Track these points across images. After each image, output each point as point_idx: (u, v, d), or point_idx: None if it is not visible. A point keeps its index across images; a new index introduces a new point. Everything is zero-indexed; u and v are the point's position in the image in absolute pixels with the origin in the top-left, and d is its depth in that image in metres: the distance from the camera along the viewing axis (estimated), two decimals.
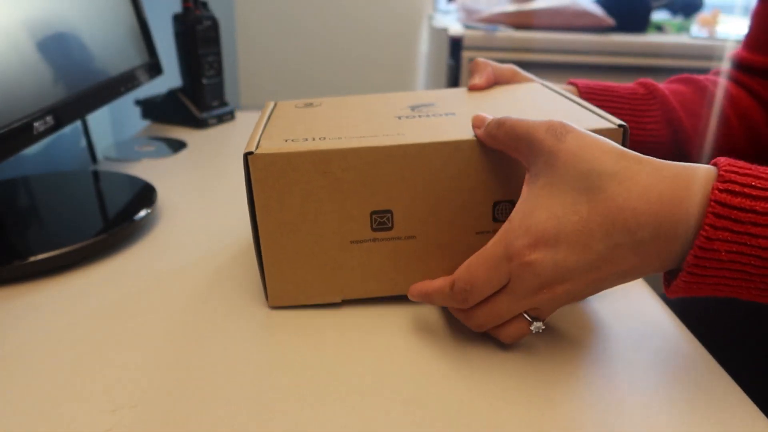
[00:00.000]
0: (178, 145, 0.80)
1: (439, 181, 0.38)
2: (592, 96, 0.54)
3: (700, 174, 0.30)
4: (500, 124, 0.36)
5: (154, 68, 0.76)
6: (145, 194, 0.58)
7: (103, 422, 0.31)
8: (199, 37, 0.83)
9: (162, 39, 0.89)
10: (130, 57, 0.70)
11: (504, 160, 0.38)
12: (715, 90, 0.57)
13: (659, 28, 1.51)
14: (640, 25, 1.46)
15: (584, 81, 0.56)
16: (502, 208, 0.39)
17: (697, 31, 1.52)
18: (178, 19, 0.84)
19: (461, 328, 0.39)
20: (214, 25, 0.86)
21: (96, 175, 0.65)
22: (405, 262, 0.40)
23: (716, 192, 0.29)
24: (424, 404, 0.33)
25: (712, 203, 0.29)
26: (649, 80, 0.57)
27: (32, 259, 0.45)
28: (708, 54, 1.42)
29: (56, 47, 0.55)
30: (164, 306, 0.42)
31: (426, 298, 0.37)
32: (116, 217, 0.53)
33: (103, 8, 0.65)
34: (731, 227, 0.29)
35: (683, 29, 1.55)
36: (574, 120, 0.36)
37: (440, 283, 0.36)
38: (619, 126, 0.38)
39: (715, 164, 0.31)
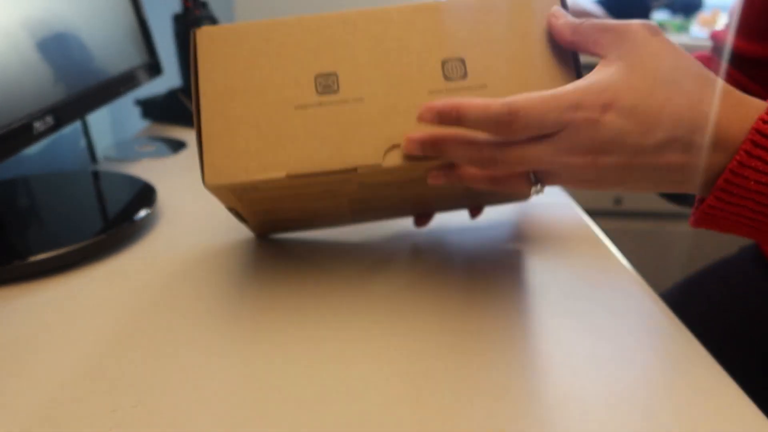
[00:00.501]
0: (178, 145, 0.80)
1: (383, 42, 0.39)
2: None
3: (760, 106, 0.32)
4: (585, 19, 0.36)
5: (154, 68, 0.76)
6: (145, 194, 0.58)
7: (103, 422, 0.31)
8: None
9: (162, 39, 0.89)
10: (130, 57, 0.70)
11: (450, 17, 0.39)
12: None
13: None
14: None
15: None
16: (452, 66, 0.39)
17: (697, 31, 1.52)
18: (178, 19, 0.84)
19: (452, 336, 0.39)
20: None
21: (96, 175, 0.65)
22: (354, 129, 0.38)
23: (760, 122, 0.30)
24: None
25: (753, 131, 0.30)
26: None
27: (32, 259, 0.45)
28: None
29: (56, 47, 0.55)
30: (164, 306, 0.42)
31: (453, 114, 0.34)
32: (116, 217, 0.53)
33: (103, 8, 0.65)
34: (764, 156, 0.30)
35: (683, 29, 1.55)
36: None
37: (482, 100, 0.33)
38: None
39: None
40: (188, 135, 0.85)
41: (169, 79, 0.91)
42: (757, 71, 0.57)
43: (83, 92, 0.58)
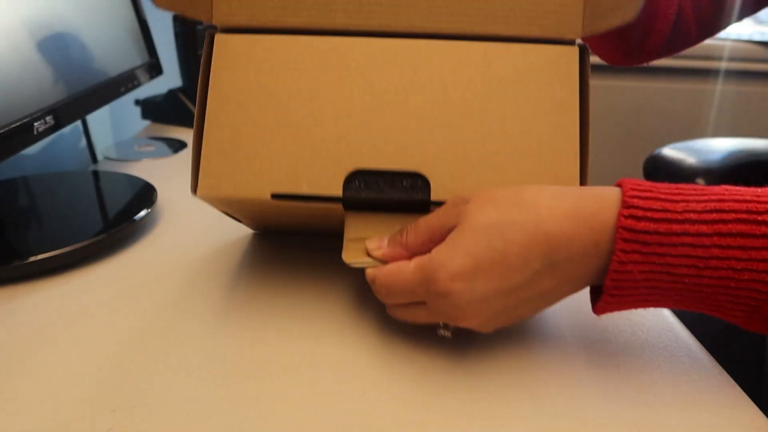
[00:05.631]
0: (178, 145, 0.80)
1: (400, 75, 0.39)
2: None
3: (605, 195, 0.32)
4: (405, 231, 0.36)
5: (154, 68, 0.76)
6: (145, 194, 0.58)
7: (103, 422, 0.31)
8: (199, 37, 0.83)
9: (162, 39, 0.89)
10: (130, 57, 0.70)
11: (476, 63, 0.38)
12: None
13: None
14: None
15: None
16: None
17: None
18: (178, 19, 0.84)
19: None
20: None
21: (96, 175, 0.65)
22: (346, 159, 0.38)
23: (622, 218, 0.31)
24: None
25: (620, 230, 0.31)
26: None
27: (32, 259, 0.45)
28: (707, 54, 1.43)
29: (56, 47, 0.55)
30: (164, 306, 0.42)
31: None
32: (116, 217, 0.53)
33: (103, 8, 0.65)
34: (640, 249, 0.30)
35: None
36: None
37: (369, 272, 0.36)
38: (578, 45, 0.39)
39: (619, 186, 0.33)
40: (188, 135, 0.85)
41: (169, 79, 0.91)
42: None
43: (83, 92, 0.58)
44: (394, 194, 0.38)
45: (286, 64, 0.38)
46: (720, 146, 0.89)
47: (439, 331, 0.37)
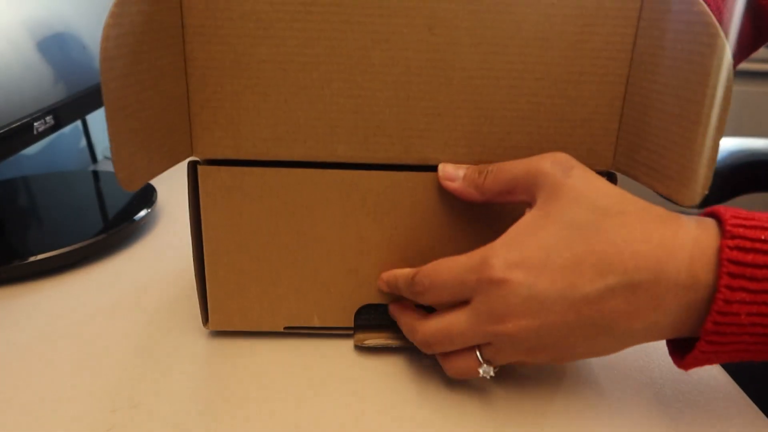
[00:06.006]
0: None
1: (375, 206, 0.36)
2: None
3: (703, 224, 0.28)
4: (486, 172, 0.33)
5: None
6: (145, 194, 0.58)
7: (103, 422, 0.31)
8: None
9: None
10: None
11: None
12: None
13: None
14: None
15: None
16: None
17: None
18: None
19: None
20: None
21: (96, 175, 0.65)
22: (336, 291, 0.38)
23: (726, 250, 0.26)
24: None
25: (725, 262, 0.26)
26: None
27: (32, 259, 0.45)
28: None
29: (56, 47, 0.55)
30: (164, 306, 0.42)
31: (391, 284, 0.35)
32: (116, 217, 0.53)
33: (103, 8, 0.65)
34: (748, 286, 0.26)
35: None
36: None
37: (408, 270, 0.34)
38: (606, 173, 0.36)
39: (712, 214, 0.29)
40: None
41: None
42: None
43: (83, 92, 0.58)
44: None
45: (284, 200, 0.35)
46: (720, 146, 0.89)
47: (480, 369, 0.31)
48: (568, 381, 0.35)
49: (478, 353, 0.31)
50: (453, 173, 0.34)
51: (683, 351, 0.30)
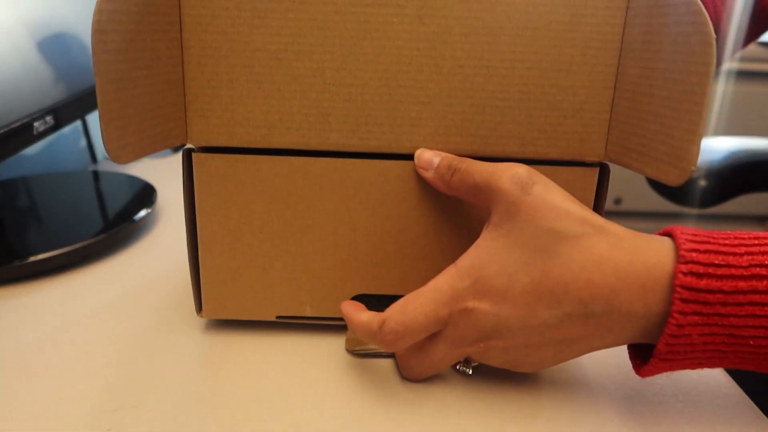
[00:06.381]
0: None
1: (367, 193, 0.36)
2: None
3: (658, 247, 0.29)
4: (454, 170, 0.33)
5: None
6: (145, 194, 0.58)
7: (103, 422, 0.31)
8: None
9: None
10: None
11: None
12: None
13: None
14: None
15: None
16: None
17: None
18: None
19: None
20: None
21: (96, 175, 0.65)
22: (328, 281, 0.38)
23: (680, 276, 0.27)
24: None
25: (678, 289, 0.27)
26: None
27: (32, 259, 0.45)
28: None
29: (56, 47, 0.55)
30: (164, 306, 0.42)
31: (351, 327, 0.34)
32: (116, 217, 0.53)
33: None
34: (700, 310, 0.27)
35: None
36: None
37: (367, 318, 0.33)
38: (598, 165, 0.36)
39: (668, 234, 0.30)
40: None
41: None
42: None
43: (83, 92, 0.58)
44: None
45: (277, 188, 0.35)
46: (720, 146, 0.89)
47: (459, 367, 0.35)
48: (567, 380, 0.35)
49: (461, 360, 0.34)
50: (428, 161, 0.34)
51: (643, 357, 0.31)
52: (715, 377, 0.36)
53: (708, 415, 0.33)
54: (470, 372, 0.35)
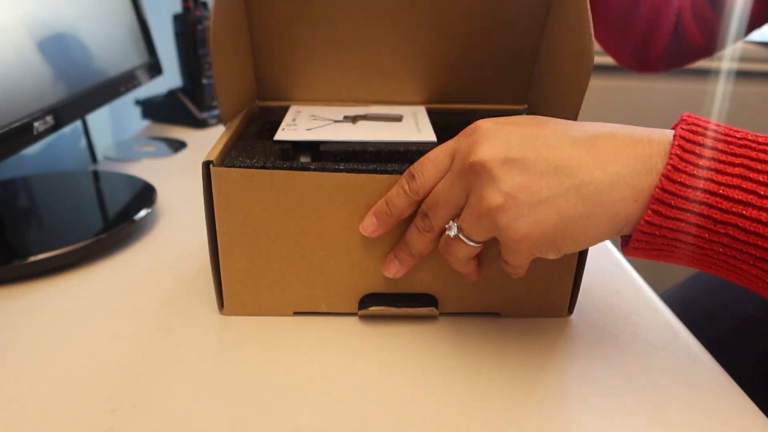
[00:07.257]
0: (178, 145, 0.80)
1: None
2: None
3: (662, 131, 0.31)
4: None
5: (154, 68, 0.76)
6: (145, 194, 0.58)
7: (103, 422, 0.31)
8: (199, 37, 0.83)
9: (162, 39, 0.89)
10: (130, 57, 0.70)
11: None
12: None
13: None
14: None
15: None
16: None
17: None
18: (178, 19, 0.84)
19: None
20: None
21: (96, 175, 0.65)
22: (341, 280, 0.40)
23: (680, 129, 0.30)
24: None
25: (678, 138, 0.29)
26: None
27: (32, 259, 0.45)
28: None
29: (56, 47, 0.55)
30: (164, 306, 0.42)
31: (382, 211, 0.36)
32: (116, 217, 0.53)
33: (103, 8, 0.65)
34: (696, 162, 0.29)
35: None
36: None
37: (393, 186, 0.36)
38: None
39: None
40: (188, 135, 0.85)
41: (169, 79, 0.91)
42: None
43: (83, 92, 0.58)
44: (408, 307, 0.40)
45: (292, 200, 0.37)
46: None
47: (447, 227, 0.35)
48: (567, 381, 0.35)
49: (461, 236, 0.34)
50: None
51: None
52: (716, 377, 0.36)
53: (708, 415, 0.33)
54: (455, 232, 0.34)
